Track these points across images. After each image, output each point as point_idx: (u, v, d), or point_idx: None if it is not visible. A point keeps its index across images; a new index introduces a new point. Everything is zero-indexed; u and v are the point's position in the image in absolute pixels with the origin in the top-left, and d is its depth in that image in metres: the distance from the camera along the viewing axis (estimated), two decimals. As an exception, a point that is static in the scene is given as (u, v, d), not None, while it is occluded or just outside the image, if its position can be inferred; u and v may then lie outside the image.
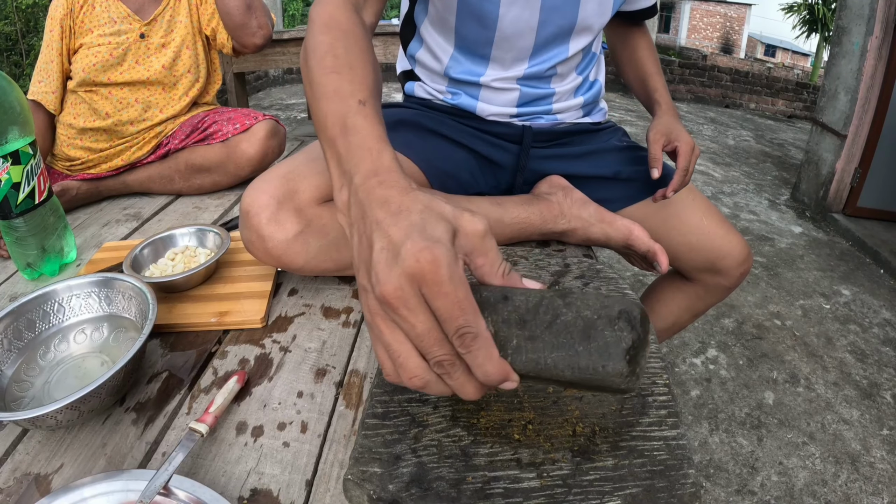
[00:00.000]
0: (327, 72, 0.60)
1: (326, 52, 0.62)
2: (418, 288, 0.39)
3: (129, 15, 1.36)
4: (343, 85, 0.58)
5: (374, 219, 0.43)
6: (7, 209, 0.90)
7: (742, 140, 5.50)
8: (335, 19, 0.67)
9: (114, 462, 0.60)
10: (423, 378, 0.41)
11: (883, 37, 3.02)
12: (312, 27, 0.67)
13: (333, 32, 0.65)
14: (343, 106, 0.55)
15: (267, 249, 0.79)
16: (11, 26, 5.35)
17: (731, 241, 1.04)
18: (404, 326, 0.40)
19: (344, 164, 0.51)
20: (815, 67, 11.28)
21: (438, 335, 0.39)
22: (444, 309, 0.39)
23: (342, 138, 0.53)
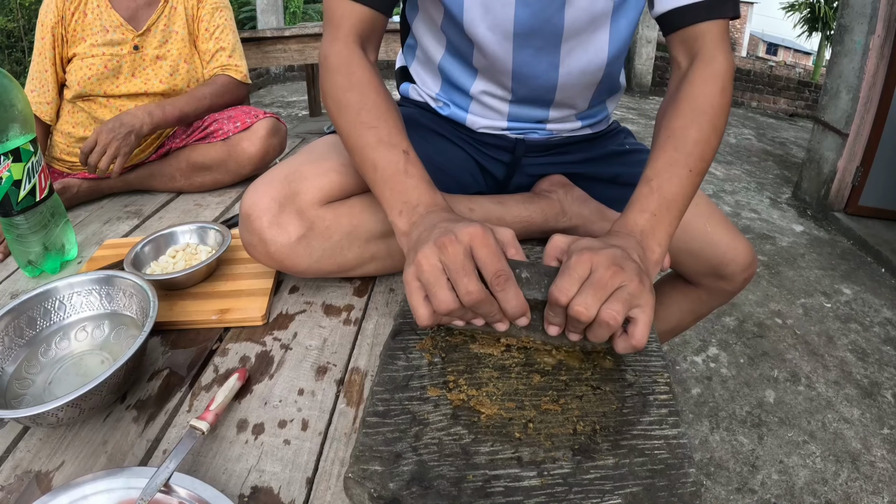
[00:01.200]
0: (367, 126, 0.72)
1: (360, 108, 0.74)
2: (469, 246, 0.55)
3: (122, 24, 1.34)
4: (383, 136, 0.71)
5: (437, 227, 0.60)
6: (8, 207, 0.90)
7: (743, 138, 5.49)
8: (352, 62, 0.77)
9: (115, 459, 0.60)
10: (453, 304, 0.55)
11: (885, 35, 3.02)
12: (330, 70, 0.78)
13: (357, 88, 0.76)
14: (393, 154, 0.70)
15: (269, 253, 0.79)
16: (14, 23, 5.35)
17: (735, 248, 1.00)
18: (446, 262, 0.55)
19: (403, 196, 0.67)
20: (816, 66, 11.26)
21: (468, 268, 0.55)
22: (486, 258, 0.55)
23: (398, 178, 0.69)
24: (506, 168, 1.03)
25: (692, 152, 0.70)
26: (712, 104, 0.74)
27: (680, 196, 0.69)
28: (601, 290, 0.54)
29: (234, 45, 1.47)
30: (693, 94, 0.75)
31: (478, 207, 0.93)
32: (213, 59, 1.45)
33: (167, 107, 1.31)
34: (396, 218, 0.67)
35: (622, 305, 0.54)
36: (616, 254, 0.57)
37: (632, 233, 0.65)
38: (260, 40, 3.15)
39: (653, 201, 0.67)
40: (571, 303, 0.54)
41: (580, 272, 0.55)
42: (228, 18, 1.48)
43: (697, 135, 0.71)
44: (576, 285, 0.55)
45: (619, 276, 0.55)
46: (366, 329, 0.82)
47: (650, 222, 0.66)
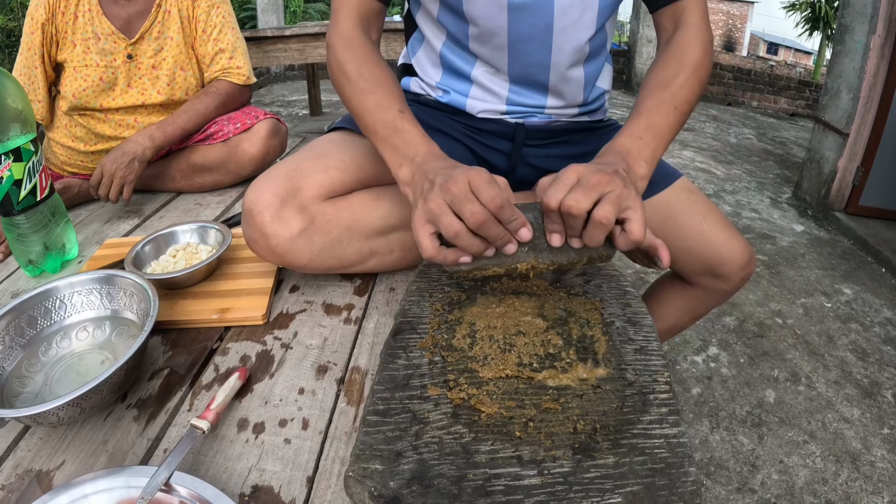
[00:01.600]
0: (365, 93, 0.79)
1: (358, 77, 0.81)
2: (468, 183, 0.60)
3: (114, 32, 1.30)
4: (380, 100, 0.78)
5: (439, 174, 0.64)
6: (9, 206, 0.90)
7: (744, 138, 5.49)
8: (352, 40, 0.85)
9: (115, 459, 0.60)
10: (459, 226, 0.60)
11: (886, 35, 3.01)
12: (333, 48, 0.85)
13: (356, 60, 0.82)
14: (388, 115, 0.76)
15: (271, 247, 0.79)
16: (15, 22, 5.35)
17: (732, 247, 1.00)
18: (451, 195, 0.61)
19: (401, 151, 0.73)
20: (817, 66, 11.26)
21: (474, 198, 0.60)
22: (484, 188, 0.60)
23: (396, 135, 0.74)
24: (507, 158, 1.04)
25: (677, 94, 0.80)
26: (697, 59, 0.83)
27: (665, 126, 0.76)
28: (589, 190, 0.60)
29: (234, 45, 1.43)
30: (679, 51, 0.84)
31: None
32: (213, 63, 1.42)
33: (168, 127, 1.30)
34: (398, 171, 0.73)
35: (612, 206, 0.59)
36: (601, 167, 0.63)
37: (618, 152, 0.71)
38: (260, 39, 3.15)
39: (639, 127, 0.75)
40: (563, 201, 0.60)
41: (567, 180, 0.61)
42: (227, 14, 1.43)
43: (683, 80, 0.81)
44: (563, 190, 0.60)
45: (605, 180, 0.60)
46: (366, 328, 0.82)
47: (636, 144, 0.73)
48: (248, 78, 1.45)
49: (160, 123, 1.30)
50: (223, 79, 1.43)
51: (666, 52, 0.86)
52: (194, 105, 1.36)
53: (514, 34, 0.89)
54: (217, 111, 1.40)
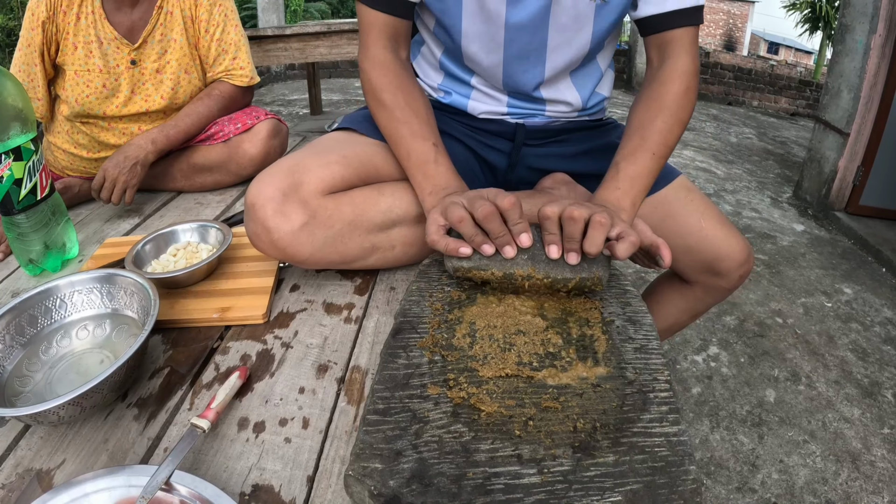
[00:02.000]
0: (401, 122, 0.86)
1: (394, 105, 0.87)
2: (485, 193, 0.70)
3: (117, 38, 1.29)
4: (416, 130, 0.85)
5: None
6: (9, 205, 0.90)
7: (744, 137, 5.49)
8: (385, 65, 0.89)
9: (116, 458, 0.60)
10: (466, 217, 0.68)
11: (886, 35, 3.01)
12: (368, 73, 0.90)
13: (391, 85, 0.88)
14: (424, 146, 0.84)
15: (273, 241, 0.80)
16: (15, 21, 5.35)
17: (730, 244, 1.00)
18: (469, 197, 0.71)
19: (433, 181, 0.82)
20: (817, 65, 11.25)
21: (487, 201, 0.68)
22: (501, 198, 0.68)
23: (430, 166, 0.83)
24: (507, 158, 1.04)
25: (655, 140, 0.83)
26: (676, 100, 0.86)
27: (643, 173, 0.81)
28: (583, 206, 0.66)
29: (237, 44, 1.42)
30: (660, 91, 0.87)
31: None
32: (216, 63, 1.41)
33: (170, 131, 1.29)
34: (427, 197, 0.81)
35: (608, 215, 0.66)
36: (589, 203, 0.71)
37: (603, 204, 0.77)
38: (261, 39, 3.15)
39: (619, 180, 0.81)
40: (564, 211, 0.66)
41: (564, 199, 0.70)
42: (229, 12, 1.41)
43: (661, 125, 0.84)
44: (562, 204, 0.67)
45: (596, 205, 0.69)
46: (366, 327, 0.82)
47: (616, 195, 0.79)
48: (251, 79, 1.45)
49: (162, 126, 1.30)
50: (226, 81, 1.42)
51: (648, 90, 0.89)
52: (197, 108, 1.35)
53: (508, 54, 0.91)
54: (219, 114, 1.40)
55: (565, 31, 0.89)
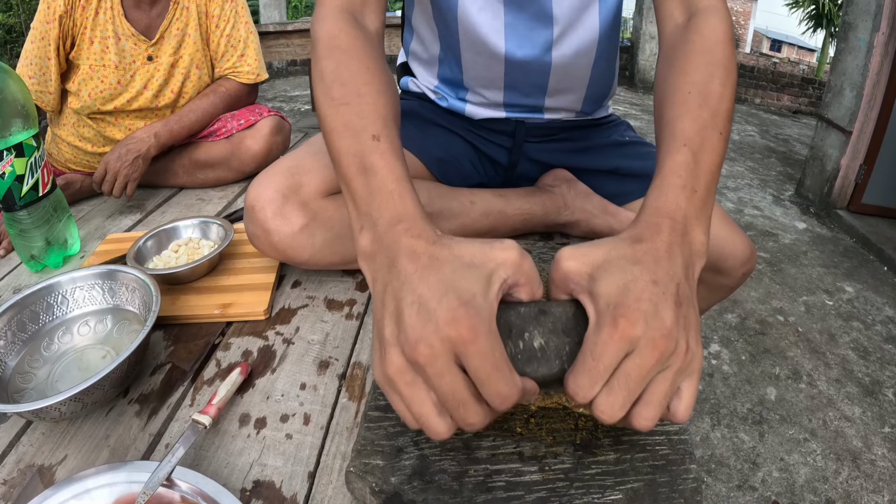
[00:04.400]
0: (336, 104, 0.57)
1: (332, 80, 0.59)
2: (452, 350, 0.39)
3: (135, 35, 1.29)
4: (352, 118, 0.56)
5: (404, 271, 0.42)
6: (11, 201, 0.90)
7: (747, 135, 5.48)
8: (335, 37, 0.64)
9: (117, 454, 0.60)
10: (449, 433, 0.42)
11: (889, 33, 3.00)
12: (316, 50, 0.65)
13: (336, 55, 0.62)
14: (356, 143, 0.54)
15: (272, 243, 0.79)
16: (15, 18, 5.35)
17: (733, 242, 0.98)
18: (431, 384, 0.40)
19: (363, 207, 0.50)
20: (820, 63, 11.21)
21: (463, 396, 0.40)
22: (482, 372, 0.39)
23: (360, 178, 0.51)
24: (508, 153, 1.04)
25: (718, 111, 0.57)
26: (728, 56, 0.63)
27: (717, 167, 0.55)
28: (637, 385, 0.40)
29: (245, 41, 1.42)
30: (708, 46, 0.63)
31: (479, 200, 0.93)
32: (224, 59, 1.41)
33: (174, 126, 1.29)
34: (358, 235, 0.51)
35: (660, 408, 0.41)
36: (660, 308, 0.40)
37: (675, 221, 0.48)
38: (263, 35, 3.14)
39: (693, 174, 0.52)
40: (594, 402, 0.41)
41: (609, 359, 0.40)
42: (240, 8, 1.42)
43: (721, 90, 0.59)
44: (600, 381, 0.40)
45: (665, 354, 0.40)
46: (368, 323, 0.82)
47: (694, 202, 0.50)
48: (257, 76, 1.45)
49: (166, 121, 1.30)
50: (232, 78, 1.43)
51: (688, 45, 0.64)
52: (201, 104, 1.35)
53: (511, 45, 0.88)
54: (223, 111, 1.40)
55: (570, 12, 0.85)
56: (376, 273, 0.47)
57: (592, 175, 1.03)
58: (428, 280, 0.41)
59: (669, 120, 0.58)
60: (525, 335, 0.43)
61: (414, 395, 0.41)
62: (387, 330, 0.42)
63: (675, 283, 0.43)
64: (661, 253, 0.44)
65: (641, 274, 0.42)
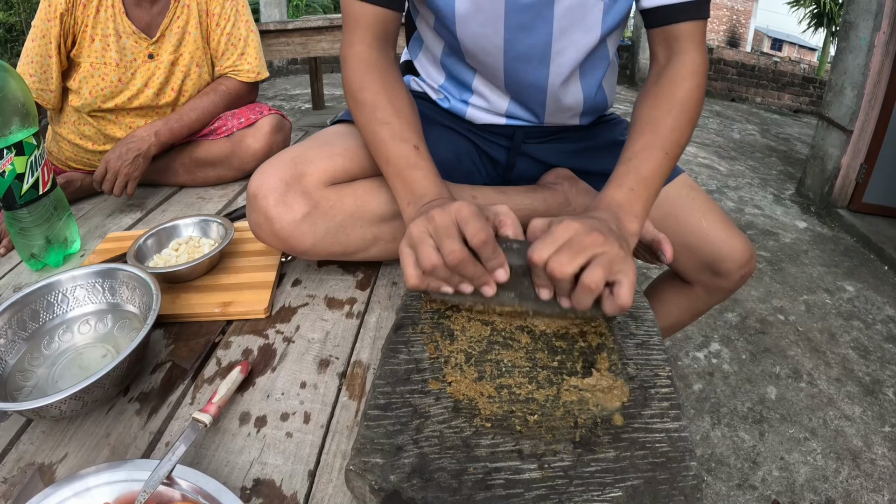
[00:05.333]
0: (381, 123, 0.78)
1: (374, 106, 0.80)
2: (455, 216, 0.61)
3: (136, 32, 1.29)
4: (397, 132, 0.77)
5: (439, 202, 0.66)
6: (11, 200, 0.90)
7: (747, 134, 5.48)
8: (370, 63, 0.83)
9: (117, 452, 0.60)
10: (437, 261, 0.60)
11: (890, 32, 3.00)
12: (349, 71, 0.83)
13: (374, 83, 0.81)
14: (404, 149, 0.76)
15: (274, 231, 0.80)
16: (16, 17, 5.35)
17: (732, 245, 0.99)
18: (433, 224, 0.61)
19: (412, 189, 0.74)
20: (821, 62, 11.20)
21: (451, 230, 0.60)
22: (469, 223, 0.60)
23: (409, 172, 0.75)
24: (507, 152, 1.04)
25: (668, 137, 0.76)
26: (689, 97, 0.80)
27: (655, 174, 0.74)
28: (578, 252, 0.57)
29: (245, 40, 1.42)
30: (671, 88, 0.81)
31: (480, 195, 0.94)
32: (224, 57, 1.41)
33: (174, 125, 1.30)
34: (406, 207, 0.74)
35: (602, 270, 0.57)
36: (594, 223, 0.60)
37: (609, 206, 0.69)
38: (263, 33, 3.14)
39: (630, 178, 0.72)
40: (548, 262, 0.57)
41: (558, 236, 0.58)
42: (241, 7, 1.42)
43: (674, 123, 0.77)
44: (552, 247, 0.58)
45: (598, 241, 0.58)
46: (368, 322, 0.82)
47: (627, 196, 0.71)
48: (257, 74, 1.45)
49: (166, 119, 1.30)
50: (232, 77, 1.43)
51: (657, 87, 0.82)
52: (201, 103, 1.35)
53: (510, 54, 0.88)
54: (224, 109, 1.40)
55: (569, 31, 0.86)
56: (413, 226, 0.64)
57: (594, 176, 1.03)
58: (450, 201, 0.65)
59: (626, 144, 0.78)
60: (506, 243, 0.64)
61: (421, 236, 0.61)
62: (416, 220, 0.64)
63: (606, 224, 0.62)
64: (598, 216, 0.65)
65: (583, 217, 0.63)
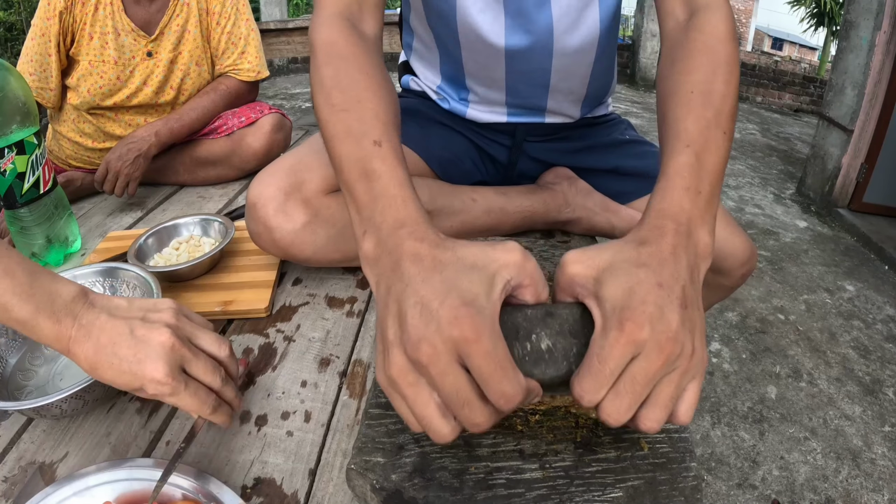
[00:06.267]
0: (336, 110, 0.58)
1: (332, 87, 0.60)
2: (454, 349, 0.39)
3: (134, 30, 1.29)
4: (353, 124, 0.56)
5: (407, 274, 0.42)
6: (12, 199, 0.90)
7: (748, 133, 5.48)
8: (334, 44, 0.65)
9: (118, 451, 0.60)
10: (453, 436, 0.41)
11: (891, 32, 3.00)
12: (315, 57, 0.65)
13: (335, 62, 0.62)
14: (358, 149, 0.54)
15: (274, 240, 0.79)
16: (16, 16, 5.34)
17: (733, 243, 0.97)
18: (434, 384, 0.40)
19: (365, 212, 0.50)
20: (822, 61, 11.19)
21: (468, 396, 0.40)
22: (485, 371, 0.39)
23: (362, 183, 0.51)
24: (508, 151, 1.03)
25: (722, 110, 0.57)
26: (730, 54, 0.62)
27: (722, 167, 0.55)
28: (644, 388, 0.40)
29: (246, 38, 1.42)
30: (710, 44, 0.62)
31: (480, 198, 0.93)
32: (224, 56, 1.41)
33: (174, 124, 1.29)
34: (361, 240, 0.50)
35: (666, 410, 0.42)
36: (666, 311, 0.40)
37: (679, 224, 0.48)
38: (264, 32, 3.14)
39: (697, 175, 0.52)
40: (600, 406, 0.41)
41: (615, 363, 0.40)
42: (242, 6, 1.42)
43: (724, 88, 0.59)
44: (606, 384, 0.40)
45: (672, 357, 0.40)
46: (369, 321, 0.82)
47: (698, 204, 0.50)
48: (258, 73, 1.45)
49: (166, 119, 1.30)
50: (232, 76, 1.43)
51: (689, 43, 0.63)
52: (202, 102, 1.35)
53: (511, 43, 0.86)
54: (224, 108, 1.40)
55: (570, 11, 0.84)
56: (380, 277, 0.46)
57: (592, 174, 1.03)
58: (431, 281, 0.41)
59: (672, 120, 0.57)
60: (532, 337, 0.43)
61: (417, 397, 0.41)
62: (390, 331, 0.42)
63: (680, 285, 0.42)
64: (665, 255, 0.44)
65: (646, 277, 0.42)
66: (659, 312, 0.40)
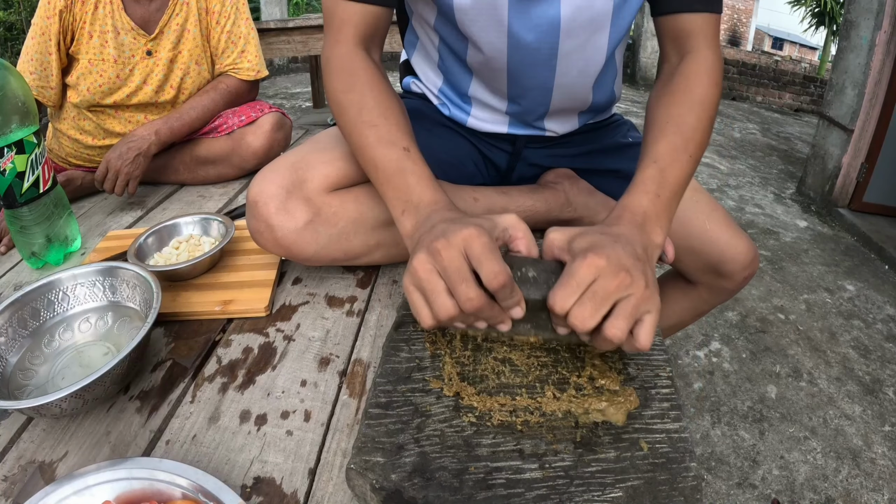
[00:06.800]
0: (367, 125, 0.72)
1: (360, 108, 0.74)
2: (461, 245, 0.54)
3: (134, 28, 1.30)
4: (384, 135, 0.71)
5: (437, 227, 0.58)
6: (12, 198, 0.90)
7: (748, 133, 5.47)
8: (352, 66, 0.77)
9: (118, 450, 0.60)
10: (455, 310, 0.54)
11: (891, 31, 3.00)
12: (332, 73, 0.78)
13: (359, 87, 0.75)
14: (392, 152, 0.69)
15: (276, 239, 0.79)
16: (16, 15, 5.34)
17: (735, 246, 0.98)
18: (442, 267, 0.54)
19: (404, 196, 0.66)
20: (822, 61, 11.17)
21: (466, 274, 0.53)
22: (481, 256, 0.53)
23: (400, 176, 0.68)
24: (508, 157, 1.03)
25: (692, 138, 0.71)
26: (708, 97, 0.75)
27: (682, 181, 0.69)
28: (603, 300, 0.52)
29: (246, 38, 1.43)
30: (689, 86, 0.76)
31: (482, 197, 0.93)
32: (224, 55, 1.42)
33: (174, 123, 1.30)
34: (400, 217, 0.66)
35: (626, 321, 0.52)
36: (620, 254, 0.54)
37: (635, 215, 0.63)
38: (263, 32, 3.14)
39: (657, 183, 0.66)
40: (569, 312, 0.52)
41: (581, 279, 0.52)
42: (241, 5, 1.42)
43: (696, 122, 0.72)
44: (574, 294, 0.52)
45: (624, 283, 0.52)
46: (368, 320, 0.82)
47: (654, 205, 0.64)
48: (257, 73, 1.45)
49: (166, 118, 1.30)
50: (232, 75, 1.43)
51: (672, 85, 0.77)
52: (202, 101, 1.35)
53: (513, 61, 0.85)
54: (224, 107, 1.40)
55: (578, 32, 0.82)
56: (420, 239, 0.59)
57: (593, 174, 1.03)
58: (451, 223, 0.57)
59: (648, 143, 0.72)
60: (522, 269, 0.58)
61: (430, 277, 0.54)
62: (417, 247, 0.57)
63: (632, 247, 0.57)
64: (622, 232, 0.59)
65: (607, 238, 0.56)
66: (615, 253, 0.54)
